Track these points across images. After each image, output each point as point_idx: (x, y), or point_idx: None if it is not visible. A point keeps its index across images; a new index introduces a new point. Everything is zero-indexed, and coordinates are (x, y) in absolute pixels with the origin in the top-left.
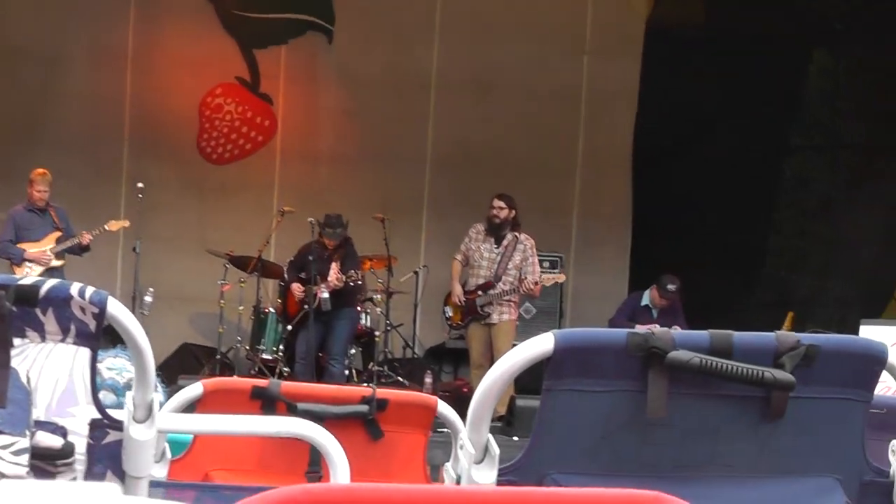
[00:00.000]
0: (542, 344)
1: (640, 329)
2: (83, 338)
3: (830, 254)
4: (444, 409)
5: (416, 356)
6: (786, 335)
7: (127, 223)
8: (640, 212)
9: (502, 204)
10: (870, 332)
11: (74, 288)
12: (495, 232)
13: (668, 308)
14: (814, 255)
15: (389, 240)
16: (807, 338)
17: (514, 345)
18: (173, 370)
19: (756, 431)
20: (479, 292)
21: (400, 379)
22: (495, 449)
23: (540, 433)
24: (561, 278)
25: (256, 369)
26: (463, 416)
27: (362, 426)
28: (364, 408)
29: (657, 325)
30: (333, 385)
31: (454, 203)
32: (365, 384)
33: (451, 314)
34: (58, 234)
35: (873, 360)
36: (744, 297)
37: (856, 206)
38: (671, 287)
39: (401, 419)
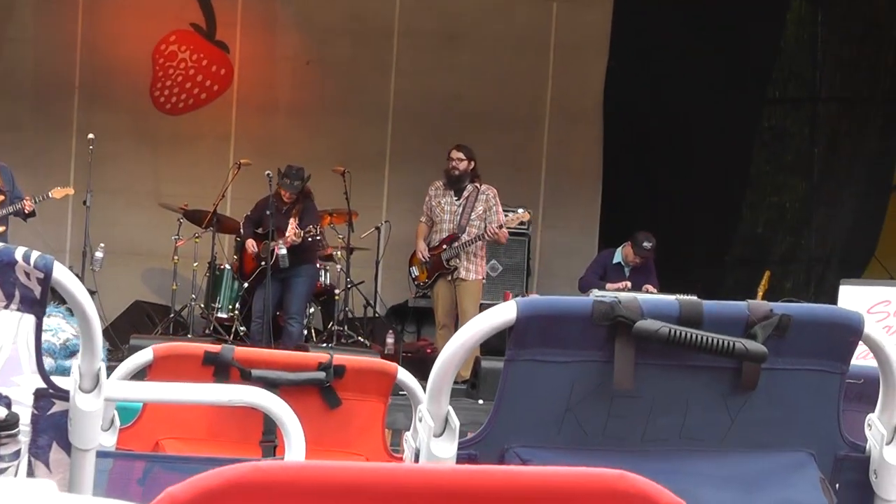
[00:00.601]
0: (504, 313)
1: (610, 289)
2: (28, 304)
3: (809, 210)
4: (404, 376)
5: (377, 315)
6: (758, 304)
7: (72, 191)
8: (612, 165)
9: (461, 155)
10: (850, 292)
11: (19, 252)
12: (455, 184)
13: (641, 266)
14: (792, 212)
15: (350, 194)
16: (779, 307)
17: (481, 305)
18: (125, 329)
19: (727, 404)
20: (444, 246)
21: (360, 339)
22: (455, 421)
23: (502, 405)
24: (525, 216)
25: (211, 328)
26: (425, 379)
27: (319, 393)
28: (321, 374)
29: (629, 284)
30: (289, 350)
31: (418, 156)
32: (324, 345)
33: (416, 273)
34: (0, 198)
35: (848, 331)
36: (720, 253)
37: (835, 161)
38: (647, 245)
39: (359, 386)
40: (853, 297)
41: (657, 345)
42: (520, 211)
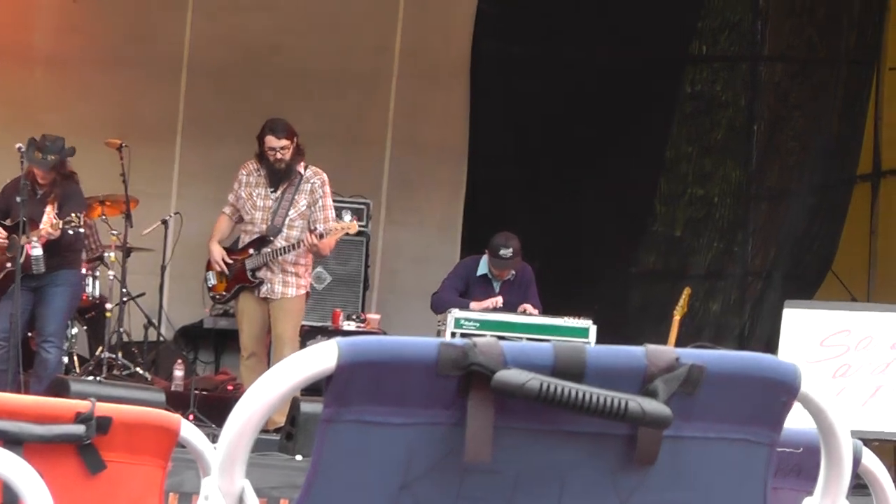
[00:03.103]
0: (319, 359)
1: (475, 309)
2: None
3: (745, 207)
4: (190, 433)
5: (162, 339)
6: (660, 351)
7: None
8: (481, 142)
9: (285, 143)
10: (797, 318)
11: None
12: (280, 180)
13: (516, 280)
14: (722, 209)
15: (129, 175)
16: (688, 355)
17: (303, 328)
18: None
19: (616, 484)
20: (251, 251)
21: (139, 371)
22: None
23: (316, 480)
24: (351, 228)
25: None
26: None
27: (76, 454)
28: (79, 429)
29: (499, 301)
30: (42, 385)
31: (220, 126)
32: (91, 377)
33: (214, 282)
34: None
35: (780, 388)
36: (624, 264)
37: (781, 141)
38: (505, 253)
39: (130, 445)
40: (802, 325)
41: (524, 403)
42: (346, 218)
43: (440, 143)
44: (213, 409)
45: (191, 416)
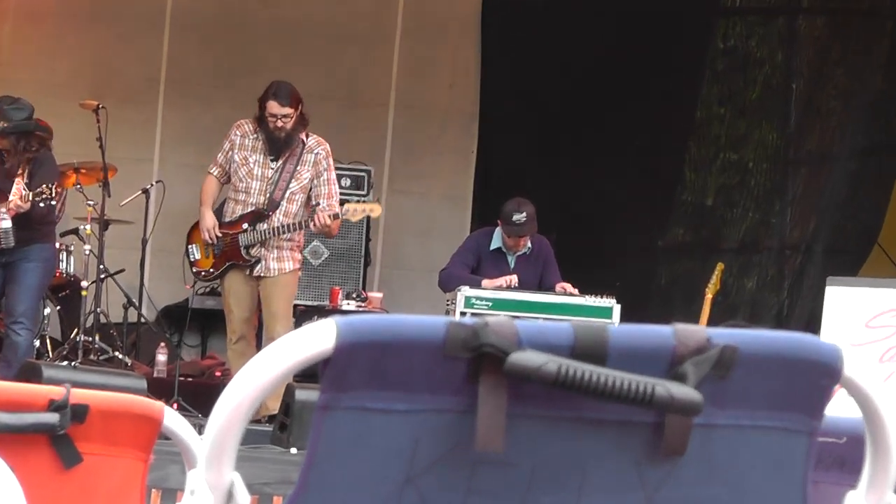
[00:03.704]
0: (315, 340)
1: (487, 287)
2: None
3: (783, 173)
4: (174, 422)
5: (143, 320)
6: (689, 330)
7: None
8: (494, 103)
9: (289, 111)
10: (841, 296)
11: None
12: (279, 149)
13: (532, 254)
14: (758, 176)
15: (106, 140)
16: (721, 335)
17: (296, 307)
18: None
19: (641, 476)
20: (245, 226)
21: (118, 356)
22: (243, 498)
23: (314, 471)
24: (375, 210)
25: None
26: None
27: (49, 445)
28: (52, 417)
29: (514, 279)
30: (11, 369)
31: (209, 84)
32: (65, 363)
33: (197, 256)
34: None
35: (821, 371)
36: (650, 237)
37: (822, 101)
38: (518, 218)
39: (108, 435)
40: (845, 304)
41: (540, 388)
42: (366, 200)
43: (448, 106)
44: (199, 396)
45: (175, 405)
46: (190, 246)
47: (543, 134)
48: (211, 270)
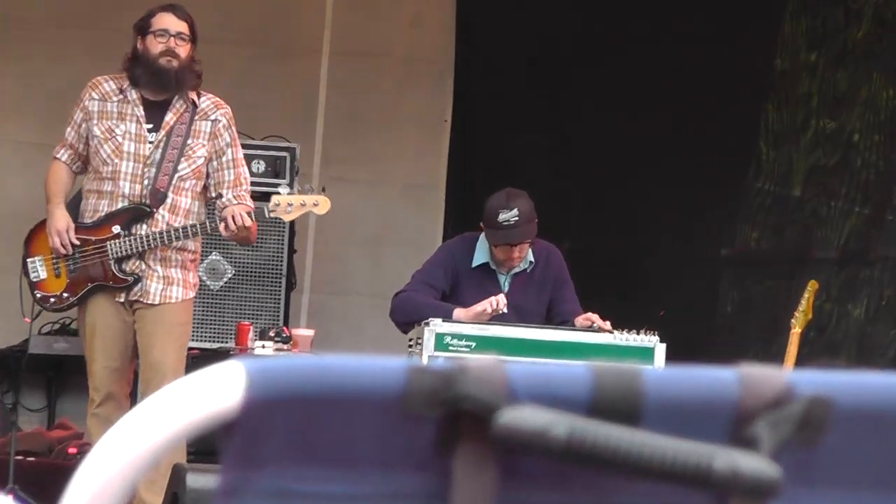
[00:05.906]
0: (213, 391)
1: (463, 318)
2: None
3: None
4: None
5: None
6: (762, 376)
7: None
8: (477, 54)
9: (184, 28)
10: None
11: None
12: (163, 90)
13: (536, 271)
14: (867, 148)
15: None
16: (809, 382)
17: (191, 351)
18: None
19: None
20: (117, 228)
21: None
22: None
23: None
24: (321, 206)
25: None
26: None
27: None
28: None
29: (502, 300)
30: None
31: (48, 32)
32: None
33: (42, 275)
34: None
35: None
36: (711, 240)
37: None
38: (507, 217)
39: None
40: None
41: (545, 462)
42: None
43: (408, 53)
44: (43, 483)
45: (10, 495)
46: (30, 260)
47: (548, 99)
48: (64, 295)
